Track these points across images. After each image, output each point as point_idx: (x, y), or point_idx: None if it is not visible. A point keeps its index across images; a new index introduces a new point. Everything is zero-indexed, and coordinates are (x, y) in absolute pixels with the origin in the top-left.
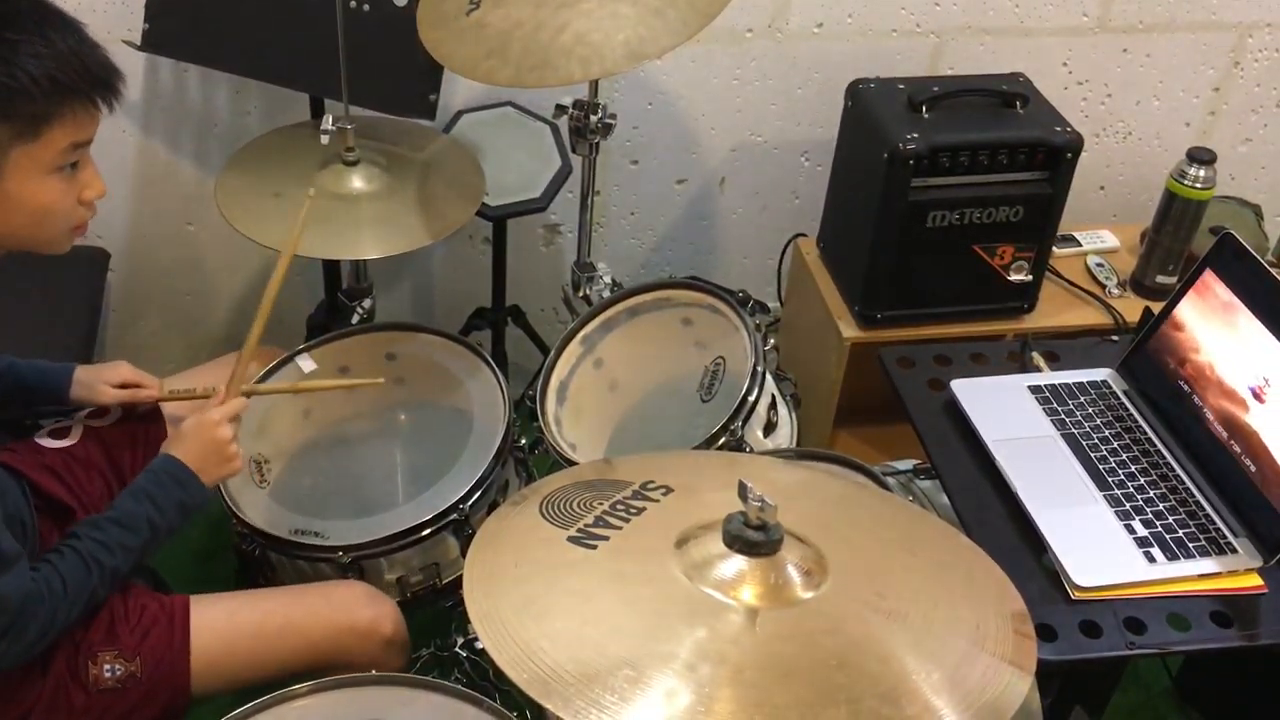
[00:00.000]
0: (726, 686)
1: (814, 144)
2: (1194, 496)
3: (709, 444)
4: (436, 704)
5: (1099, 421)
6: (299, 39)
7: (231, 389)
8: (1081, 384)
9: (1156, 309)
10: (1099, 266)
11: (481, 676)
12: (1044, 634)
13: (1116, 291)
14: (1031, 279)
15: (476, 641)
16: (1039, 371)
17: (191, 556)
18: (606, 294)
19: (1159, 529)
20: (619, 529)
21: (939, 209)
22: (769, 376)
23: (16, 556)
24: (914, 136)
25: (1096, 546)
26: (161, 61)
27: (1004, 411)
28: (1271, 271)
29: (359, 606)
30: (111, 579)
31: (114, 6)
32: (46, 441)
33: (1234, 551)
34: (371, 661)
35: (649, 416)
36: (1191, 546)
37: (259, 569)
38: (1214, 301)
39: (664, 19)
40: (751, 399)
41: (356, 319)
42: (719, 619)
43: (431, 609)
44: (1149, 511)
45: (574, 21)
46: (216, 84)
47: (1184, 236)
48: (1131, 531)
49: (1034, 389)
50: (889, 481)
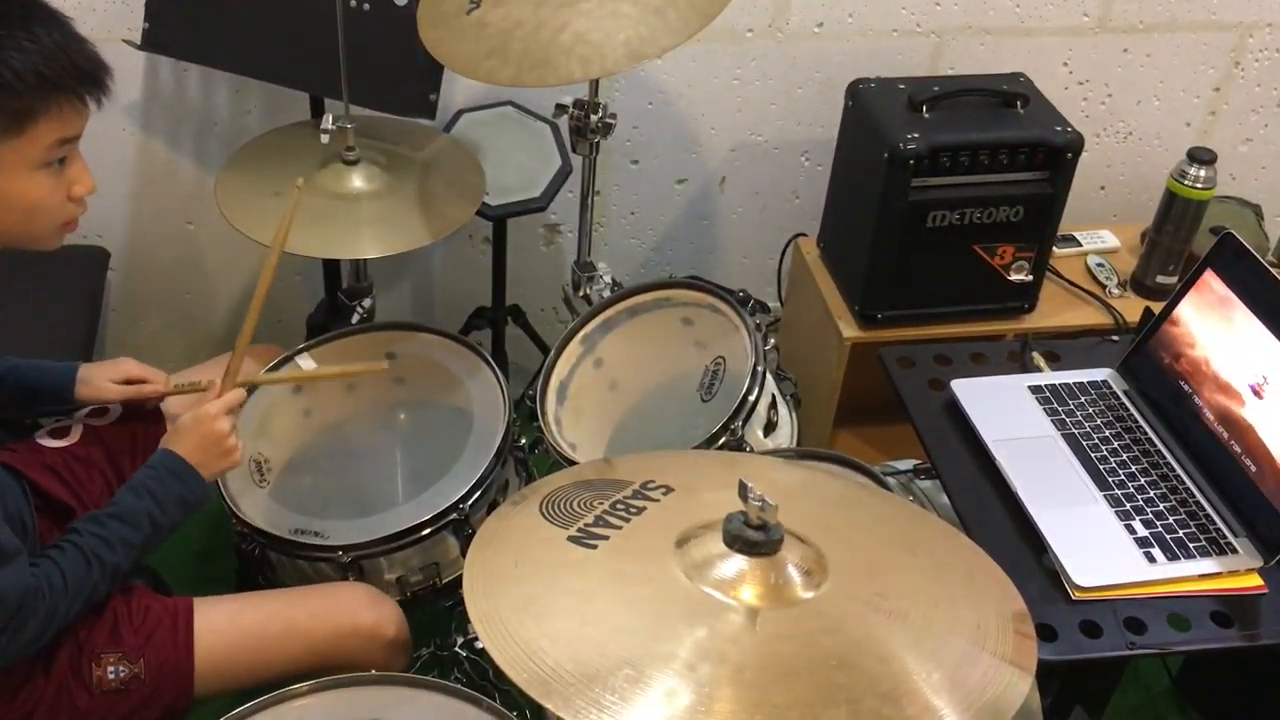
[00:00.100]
0: (727, 686)
1: (814, 144)
2: (1194, 496)
3: (709, 444)
4: (436, 704)
5: (1099, 421)
6: (299, 38)
7: (228, 381)
8: (1082, 384)
9: (1157, 309)
10: (1099, 266)
11: (481, 676)
12: (1044, 634)
13: (1117, 291)
14: (1032, 279)
15: (476, 641)
16: (1039, 371)
17: (192, 556)
18: (607, 294)
19: (1159, 529)
20: (619, 529)
21: (939, 209)
22: (769, 376)
23: (16, 551)
24: (914, 136)
25: (1097, 546)
26: (161, 61)
27: (1004, 411)
28: (1272, 271)
29: (362, 609)
30: (113, 575)
31: (114, 6)
32: (46, 441)
33: (1234, 551)
34: (374, 663)
35: (649, 416)
36: (1192, 546)
37: (259, 569)
38: (1214, 301)
39: (664, 18)
40: (752, 399)
41: (356, 318)
42: (719, 619)
43: (431, 609)
44: (1149, 511)
45: (574, 21)
46: (216, 83)
47: (1184, 236)
48: (1132, 531)
49: (1034, 389)
50: (889, 481)
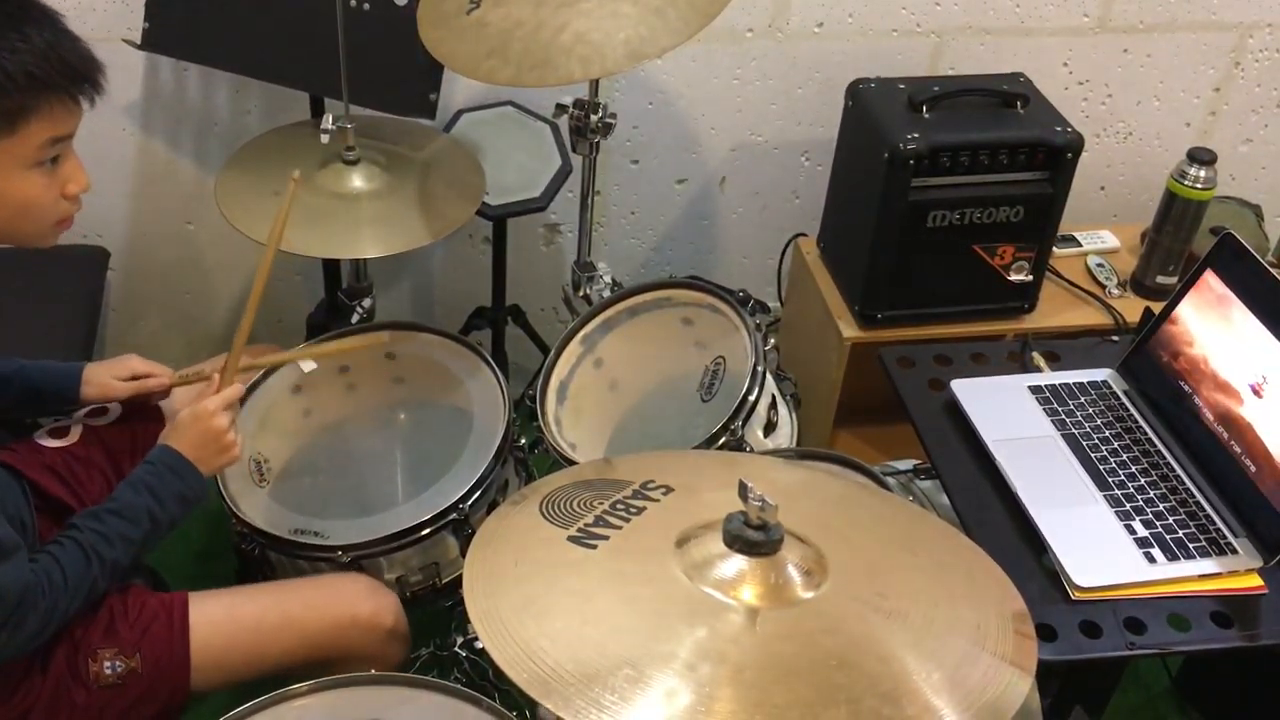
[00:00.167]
0: (726, 686)
1: (814, 144)
2: (1194, 497)
3: (709, 444)
4: (436, 703)
5: (1099, 422)
6: (299, 38)
7: (226, 376)
8: (1082, 384)
9: (1157, 309)
10: (1099, 267)
11: (481, 676)
12: (1044, 634)
13: (1117, 292)
14: (1032, 279)
15: (476, 641)
16: (1039, 371)
17: (191, 556)
18: (607, 293)
19: (1159, 529)
20: (619, 529)
21: (939, 209)
22: (769, 376)
23: (15, 547)
24: (914, 136)
25: (1097, 547)
26: (161, 60)
27: (1004, 411)
28: (1272, 272)
29: (359, 599)
30: (112, 571)
31: (114, 5)
32: (46, 441)
33: (1234, 552)
34: (372, 654)
35: (649, 416)
36: (1192, 547)
37: (259, 569)
38: (1214, 302)
39: (664, 18)
40: (752, 399)
41: (356, 318)
42: (719, 619)
43: (431, 609)
44: (1149, 512)
45: (574, 21)
46: (216, 83)
47: (1184, 237)
48: (1132, 532)
49: (1034, 389)
50: (889, 481)
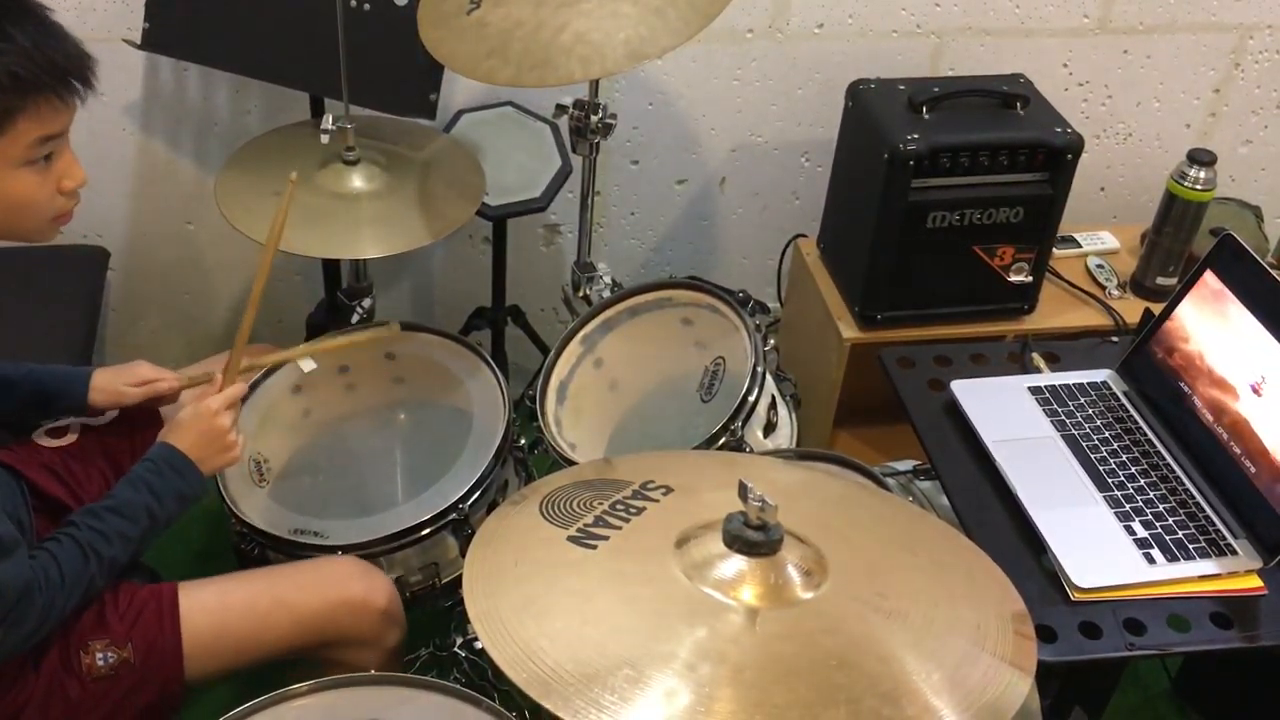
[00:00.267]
0: (726, 686)
1: (814, 144)
2: (1194, 498)
3: (709, 444)
4: (436, 704)
5: (1099, 422)
6: (299, 38)
7: (228, 376)
8: (1081, 385)
9: (1156, 310)
10: (1099, 268)
11: (480, 676)
12: (1044, 635)
13: (1116, 293)
14: (1032, 280)
15: (475, 641)
16: (1039, 372)
17: (191, 556)
18: (606, 294)
19: (1159, 530)
20: (619, 529)
21: (939, 210)
22: (769, 377)
23: (15, 545)
24: (914, 137)
25: (1096, 547)
26: (162, 60)
27: (1004, 412)
28: (1271, 273)
29: (351, 580)
30: (110, 568)
31: (114, 5)
32: (44, 441)
33: (1234, 553)
34: (367, 636)
35: (649, 416)
36: (1191, 548)
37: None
38: (1214, 303)
39: (664, 19)
40: (751, 399)
41: (356, 318)
42: (719, 619)
43: (430, 609)
44: (1149, 513)
45: (574, 21)
46: (217, 83)
47: (1184, 238)
48: (1131, 533)
49: (1034, 390)
50: (889, 482)
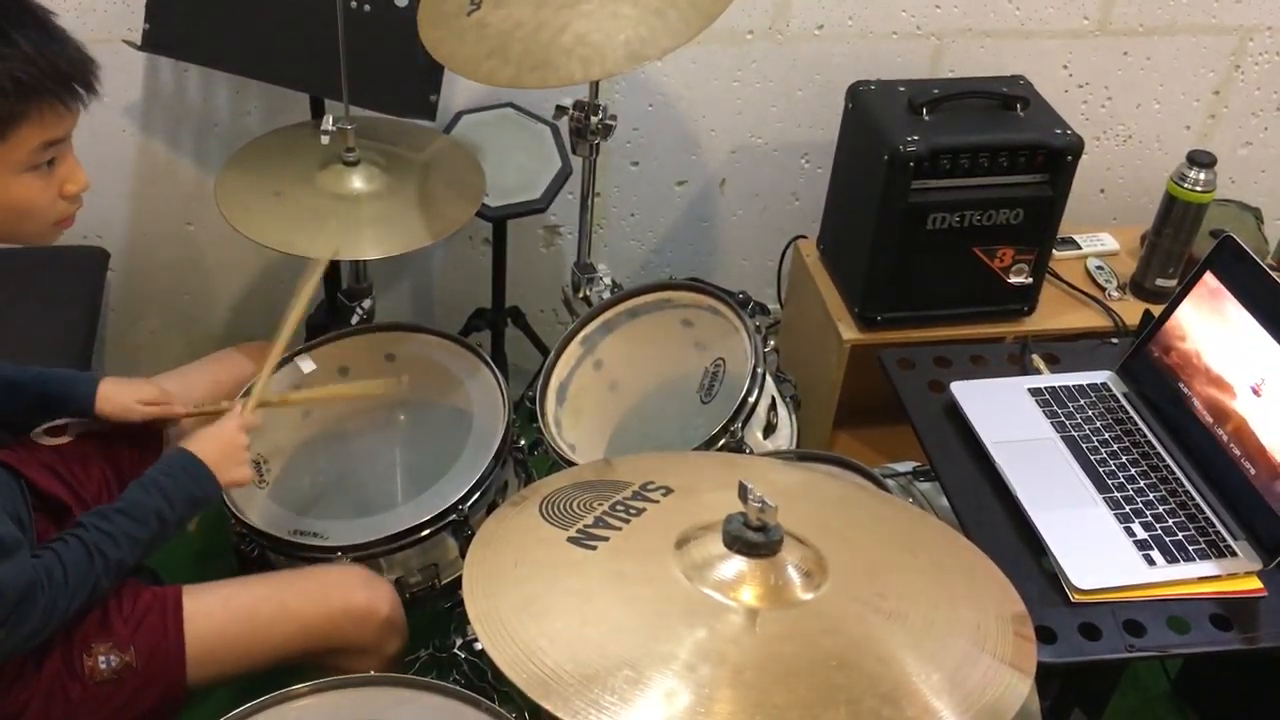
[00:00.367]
0: (726, 687)
1: (814, 146)
2: (1193, 499)
3: (709, 445)
4: (435, 705)
5: (1099, 424)
6: (299, 39)
7: (249, 408)
8: (1081, 386)
9: (1156, 311)
10: (1099, 269)
11: (480, 678)
12: (1043, 636)
13: (1116, 294)
14: (1031, 281)
15: (475, 642)
16: (1039, 374)
17: (191, 557)
18: (606, 295)
19: (1158, 531)
20: (619, 529)
21: (939, 211)
22: (769, 378)
23: (17, 545)
24: (914, 139)
25: (1096, 549)
26: (162, 61)
27: (1004, 413)
28: (1271, 274)
29: (354, 589)
30: (116, 570)
31: (115, 6)
32: (44, 439)
33: (1233, 554)
34: (369, 644)
35: (649, 417)
36: (1191, 549)
37: (258, 569)
38: (1214, 305)
39: (665, 20)
40: (751, 400)
41: (356, 319)
42: (719, 620)
43: (430, 610)
44: (1149, 514)
45: (575, 22)
46: (217, 84)
47: (1184, 239)
48: (1131, 534)
49: (1034, 391)
50: (889, 483)
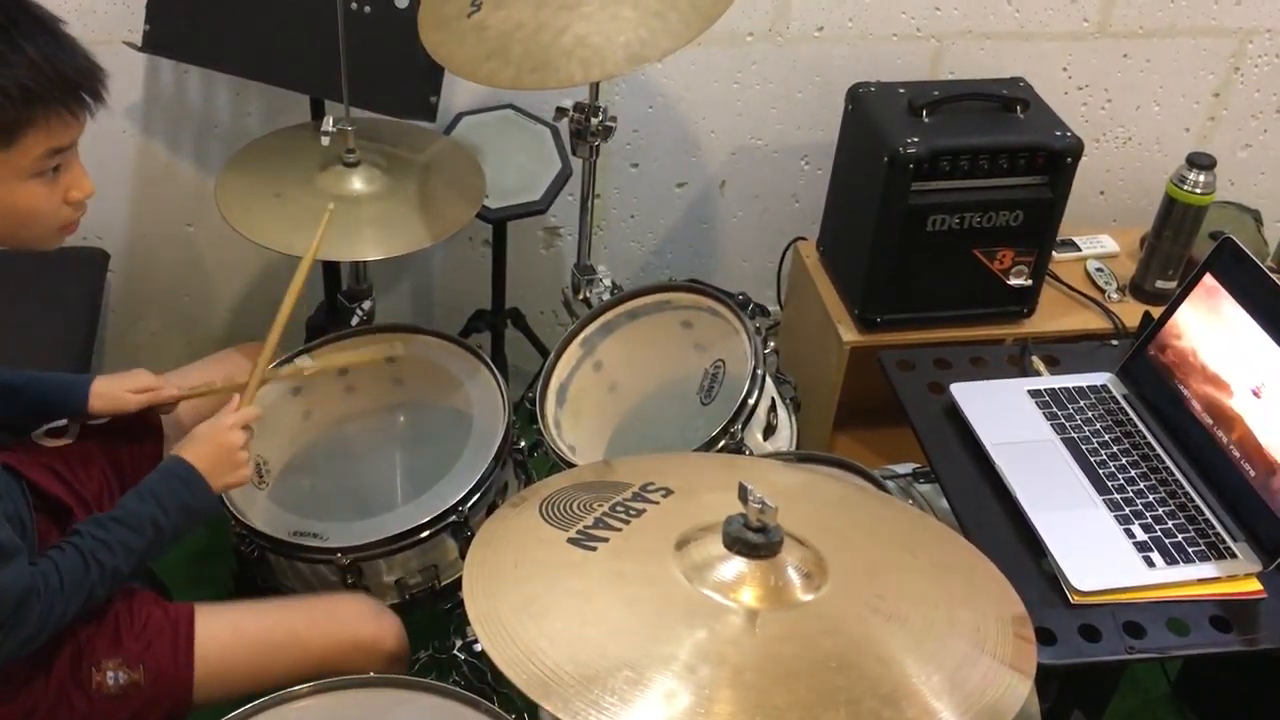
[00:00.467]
0: (726, 688)
1: (814, 147)
2: (1193, 501)
3: (709, 447)
4: (435, 706)
5: (1099, 426)
6: (300, 40)
7: (246, 397)
8: (1081, 388)
9: (1156, 313)
10: (1099, 271)
11: (479, 679)
12: (1043, 637)
13: (1116, 296)
14: (1031, 283)
15: (475, 644)
16: (1039, 375)
17: (190, 557)
18: (606, 296)
19: (1158, 533)
20: (619, 530)
21: (939, 213)
22: (769, 379)
23: (15, 551)
24: (914, 140)
25: (1096, 550)
26: (162, 62)
27: (1004, 415)
28: (1271, 276)
29: (363, 622)
30: (112, 578)
31: (115, 7)
32: (45, 441)
33: (1233, 556)
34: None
35: (649, 419)
36: (1191, 551)
37: (257, 570)
38: (1213, 306)
39: (665, 22)
40: (751, 402)
41: (356, 320)
42: (719, 620)
43: (430, 611)
44: (1148, 516)
45: (575, 24)
46: (217, 85)
47: (1184, 241)
48: (1131, 536)
49: (1034, 393)
50: (888, 484)
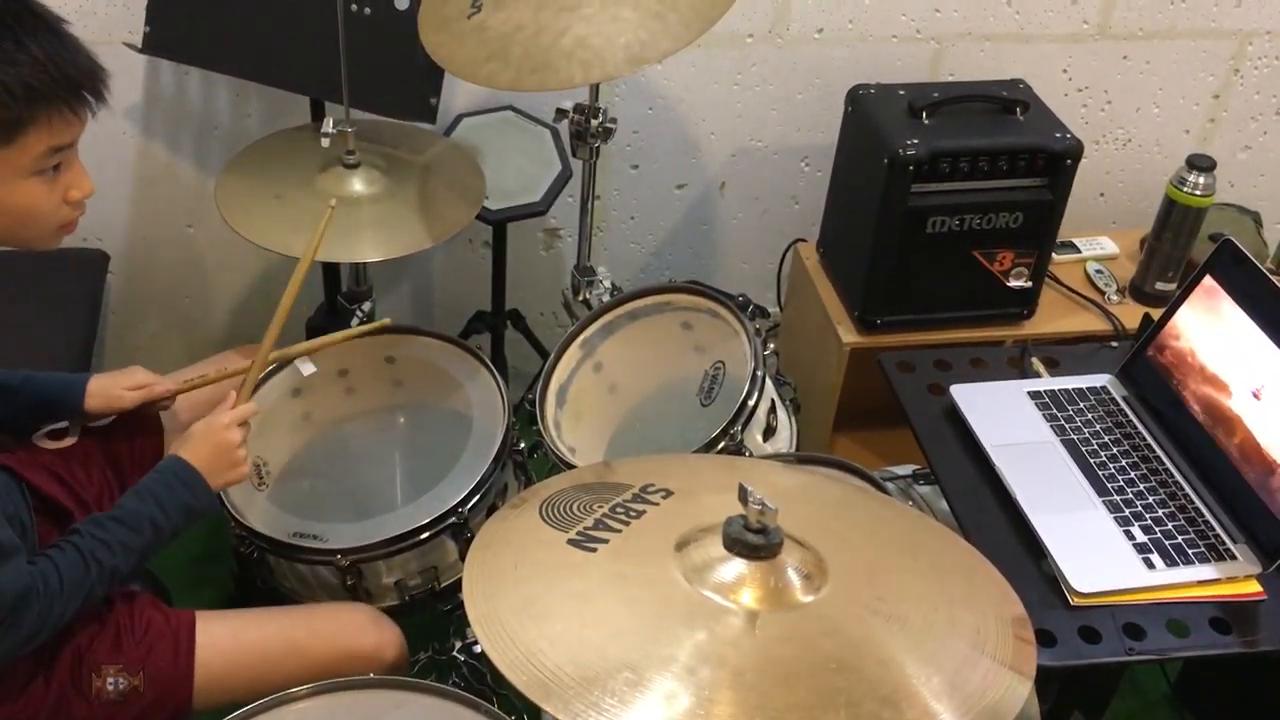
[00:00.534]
0: (726, 689)
1: (814, 149)
2: (1193, 503)
3: (709, 448)
4: (434, 707)
5: (1098, 427)
6: (300, 42)
7: (243, 393)
8: (1081, 390)
9: (1156, 315)
10: (1098, 273)
11: (479, 680)
12: (1043, 639)
13: (1116, 298)
14: (1031, 285)
15: (474, 645)
16: (1038, 377)
17: (190, 559)
18: (606, 298)
19: (1158, 535)
20: (619, 532)
21: (939, 214)
22: (769, 381)
23: (15, 550)
24: (914, 142)
25: (1096, 552)
26: (162, 63)
27: (1003, 417)
28: (1271, 278)
29: (363, 632)
30: (110, 578)
31: (115, 8)
32: (44, 443)
33: (1233, 558)
34: None
35: (648, 420)
36: (1191, 553)
37: (257, 571)
38: (1213, 308)
39: (665, 23)
40: (751, 403)
41: (356, 322)
42: (719, 622)
43: (430, 613)
44: (1148, 518)
45: (575, 25)
46: (217, 86)
47: (1183, 243)
48: (1131, 537)
49: (1033, 394)
50: (888, 486)
